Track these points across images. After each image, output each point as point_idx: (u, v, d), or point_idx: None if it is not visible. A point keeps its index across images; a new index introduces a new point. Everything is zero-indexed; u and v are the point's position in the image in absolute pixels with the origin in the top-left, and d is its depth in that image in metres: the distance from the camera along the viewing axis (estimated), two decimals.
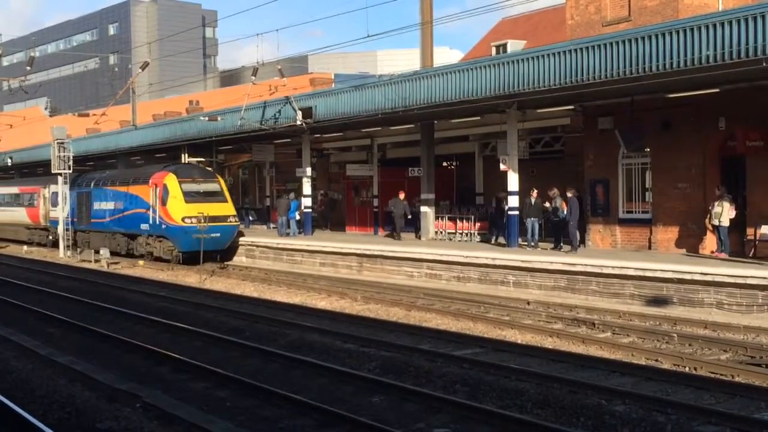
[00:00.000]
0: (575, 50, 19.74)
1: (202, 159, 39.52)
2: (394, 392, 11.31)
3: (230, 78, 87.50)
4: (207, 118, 34.54)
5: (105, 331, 16.49)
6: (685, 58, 17.40)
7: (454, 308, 19.26)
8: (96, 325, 17.33)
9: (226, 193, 33.27)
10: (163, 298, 22.48)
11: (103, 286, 25.58)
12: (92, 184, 38.41)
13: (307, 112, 28.64)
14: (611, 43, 18.92)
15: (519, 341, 15.48)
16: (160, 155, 43.10)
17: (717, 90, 20.22)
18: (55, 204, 40.67)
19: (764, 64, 16.26)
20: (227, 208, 32.35)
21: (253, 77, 31.41)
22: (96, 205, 37.47)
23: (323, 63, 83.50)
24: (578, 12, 27.36)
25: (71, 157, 37.70)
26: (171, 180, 32.04)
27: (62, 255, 37.40)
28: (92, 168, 48.42)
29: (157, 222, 32.18)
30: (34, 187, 45.48)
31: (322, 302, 21.67)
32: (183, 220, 31.12)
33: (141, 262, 33.51)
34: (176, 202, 31.55)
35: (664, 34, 17.81)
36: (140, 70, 37.49)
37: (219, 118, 33.76)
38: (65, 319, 18.07)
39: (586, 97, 22.51)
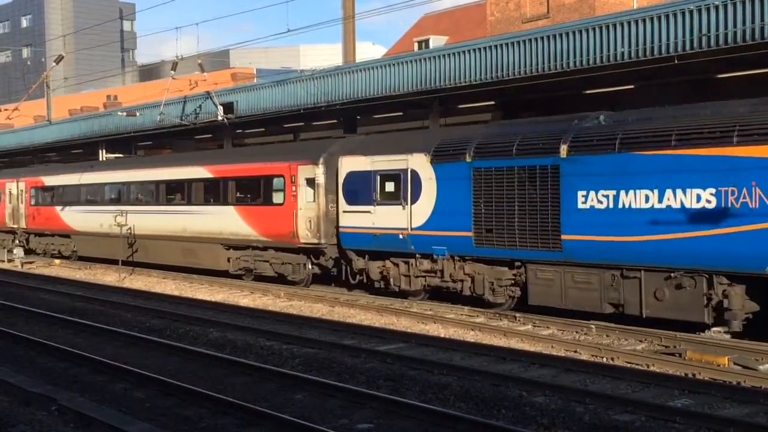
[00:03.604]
0: (495, 46, 19.96)
1: (121, 155, 38.68)
2: (317, 389, 11.27)
3: (149, 72, 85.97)
4: (125, 113, 33.79)
5: (19, 332, 15.98)
6: (601, 54, 17.76)
7: (378, 304, 19.30)
8: (9, 327, 16.78)
9: None
10: (80, 298, 21.95)
11: (16, 287, 24.81)
12: None
13: (228, 108, 28.32)
14: (530, 40, 19.19)
15: (442, 335, 15.61)
16: (76, 151, 42.00)
17: (632, 87, 20.71)
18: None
19: (675, 62, 16.71)
20: None
21: (173, 72, 30.87)
22: None
23: (245, 58, 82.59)
24: (498, 9, 27.80)
25: None
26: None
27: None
28: (4, 165, 46.81)
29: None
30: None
31: (245, 299, 21.47)
32: None
33: (57, 262, 32.64)
34: None
35: (581, 31, 18.15)
36: (54, 64, 36.51)
37: (138, 113, 33.07)
38: None
39: (507, 92, 22.80)
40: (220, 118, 28.52)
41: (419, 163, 18.49)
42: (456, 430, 9.34)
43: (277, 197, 22.53)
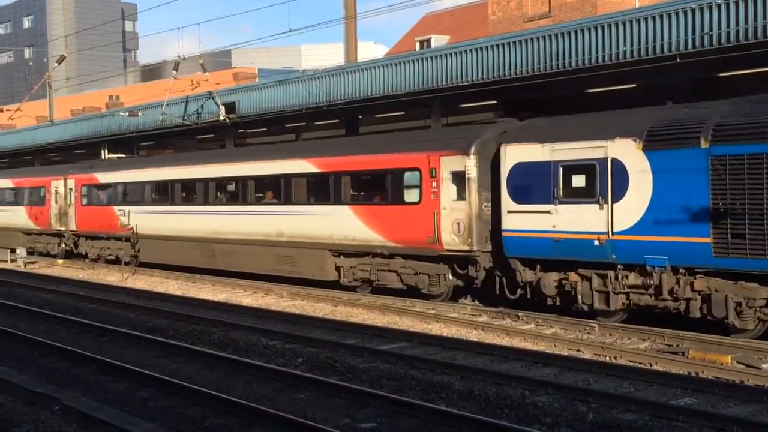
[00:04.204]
0: (497, 45, 19.94)
1: (123, 155, 38.70)
2: (320, 388, 11.27)
3: (151, 72, 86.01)
4: (127, 113, 33.78)
5: (22, 332, 16.00)
6: (603, 53, 17.75)
7: (380, 303, 19.30)
8: (12, 327, 16.80)
9: None
10: (83, 298, 21.96)
11: (19, 287, 24.83)
12: None
13: (230, 108, 28.32)
14: (532, 39, 19.18)
15: (445, 334, 15.61)
16: (78, 151, 41.99)
17: (634, 85, 20.70)
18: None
19: (678, 60, 16.70)
20: None
21: (175, 71, 30.89)
22: None
23: (247, 58, 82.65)
24: (500, 8, 27.80)
25: None
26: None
27: None
28: (7, 165, 46.80)
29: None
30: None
31: (248, 299, 21.48)
32: None
33: (60, 261, 32.65)
34: None
35: (583, 30, 18.14)
36: (56, 64, 36.52)
37: (140, 114, 33.06)
38: None
39: (508, 92, 22.79)
40: (222, 118, 28.52)
41: (624, 150, 15.00)
42: (459, 430, 9.34)
43: (410, 195, 18.93)
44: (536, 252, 16.40)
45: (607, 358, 13.23)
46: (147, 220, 28.00)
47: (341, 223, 20.52)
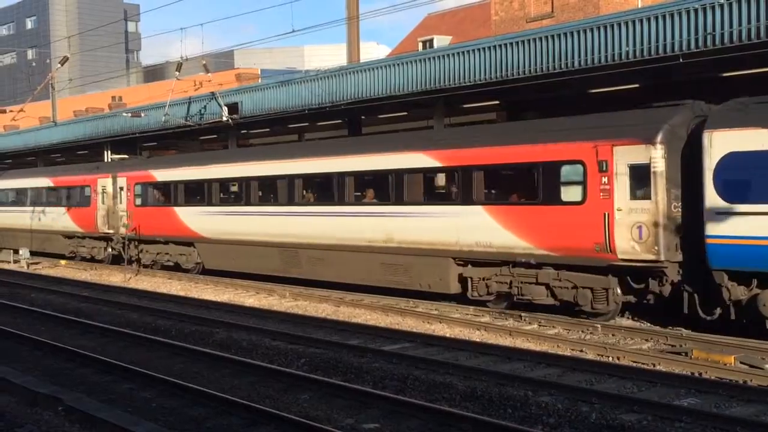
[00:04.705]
0: (500, 46, 19.93)
1: (126, 156, 38.73)
2: (323, 389, 11.27)
3: (154, 73, 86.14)
4: (130, 114, 33.81)
5: (25, 333, 16.01)
6: (606, 53, 17.74)
7: (383, 303, 19.29)
8: (15, 327, 16.82)
9: None
10: (86, 299, 21.98)
11: (22, 287, 24.86)
12: None
13: (233, 108, 28.33)
14: (535, 39, 19.17)
15: (448, 335, 15.61)
16: (81, 152, 42.03)
17: (637, 86, 20.69)
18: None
19: (681, 61, 16.69)
20: None
21: (177, 72, 30.89)
22: None
23: (249, 58, 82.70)
24: (503, 8, 27.77)
25: None
26: None
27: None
28: (9, 166, 46.85)
29: None
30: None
31: (251, 300, 21.49)
32: None
33: (63, 262, 32.68)
34: None
35: (585, 31, 18.13)
36: (59, 65, 36.57)
37: (143, 114, 33.09)
38: None
39: (511, 92, 22.79)
40: (224, 118, 28.53)
41: None
42: (462, 430, 9.34)
43: (570, 193, 15.89)
44: (758, 264, 13.36)
45: (610, 359, 13.23)
46: (214, 222, 25.04)
47: (471, 226, 17.49)
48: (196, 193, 26.40)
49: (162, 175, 28.13)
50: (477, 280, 17.74)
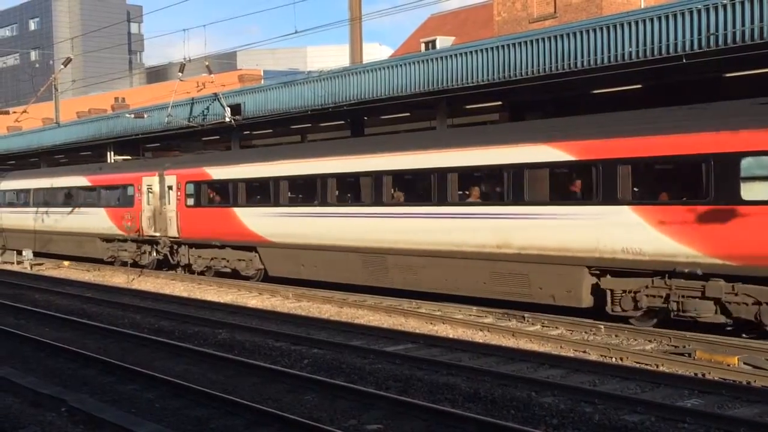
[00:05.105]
0: (502, 46, 19.94)
1: (129, 157, 38.79)
2: (326, 389, 11.27)
3: (157, 74, 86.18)
4: (133, 115, 33.88)
5: (28, 334, 16.03)
6: (609, 54, 17.75)
7: (386, 304, 19.28)
8: (17, 327, 16.85)
9: None
10: (89, 300, 21.99)
11: (26, 288, 24.89)
12: None
13: (235, 109, 28.36)
14: (537, 40, 19.18)
15: (451, 336, 15.60)
16: (85, 153, 42.10)
17: (640, 86, 20.68)
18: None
19: (683, 61, 16.69)
20: None
21: (180, 73, 30.96)
22: None
23: (252, 59, 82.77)
24: (505, 9, 27.76)
25: None
26: None
27: None
28: (12, 167, 46.92)
29: None
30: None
31: (253, 300, 21.49)
32: None
33: (66, 263, 32.70)
34: None
35: (588, 31, 18.14)
36: (62, 66, 36.60)
37: (145, 115, 33.16)
38: None
39: (514, 93, 22.79)
40: (227, 119, 28.58)
41: None
42: (465, 431, 9.33)
43: (755, 190, 13.45)
44: None
45: (614, 360, 13.21)
46: (282, 224, 22.49)
47: (616, 229, 15.04)
48: (261, 192, 23.83)
49: (220, 172, 25.35)
50: (621, 293, 15.21)
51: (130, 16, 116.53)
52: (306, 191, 22.66)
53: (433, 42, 44.54)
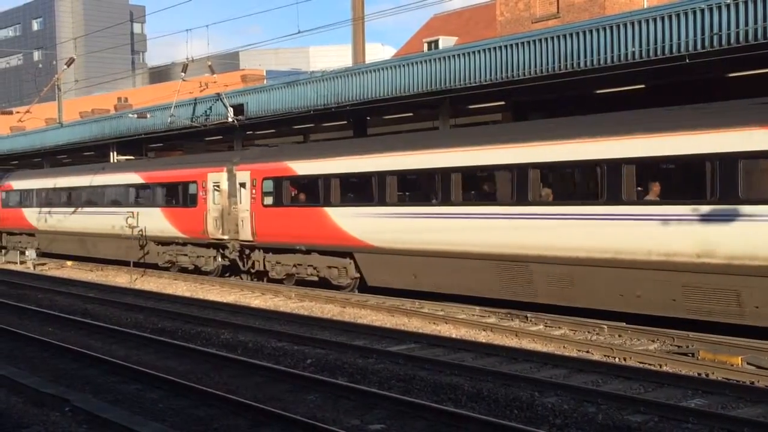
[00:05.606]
0: (505, 46, 19.93)
1: (132, 157, 38.84)
2: (329, 389, 11.27)
3: (160, 74, 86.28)
4: (136, 115, 33.91)
5: (32, 334, 16.06)
6: (612, 54, 17.73)
7: (388, 304, 19.28)
8: (21, 327, 16.87)
9: None
10: (92, 300, 22.02)
11: (29, 288, 24.92)
12: None
13: (238, 109, 28.38)
14: (540, 40, 19.16)
15: (454, 336, 15.59)
16: (88, 153, 42.14)
17: (643, 86, 20.66)
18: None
19: (687, 61, 16.67)
20: None
21: (183, 73, 30.98)
22: None
23: (255, 59, 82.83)
24: (508, 9, 27.76)
25: None
26: None
27: None
28: (14, 167, 46.97)
29: None
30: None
31: (256, 300, 21.50)
32: None
33: (69, 263, 32.72)
34: None
35: (591, 31, 18.12)
36: (65, 67, 36.65)
37: (148, 115, 33.19)
38: None
39: (517, 93, 22.78)
40: (230, 119, 28.59)
41: None
42: (468, 431, 9.33)
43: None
44: None
45: (617, 360, 13.20)
46: (387, 226, 19.44)
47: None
48: (360, 189, 20.81)
49: (307, 167, 22.15)
50: None
51: (133, 16, 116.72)
52: (421, 188, 19.68)
53: (436, 42, 44.52)
